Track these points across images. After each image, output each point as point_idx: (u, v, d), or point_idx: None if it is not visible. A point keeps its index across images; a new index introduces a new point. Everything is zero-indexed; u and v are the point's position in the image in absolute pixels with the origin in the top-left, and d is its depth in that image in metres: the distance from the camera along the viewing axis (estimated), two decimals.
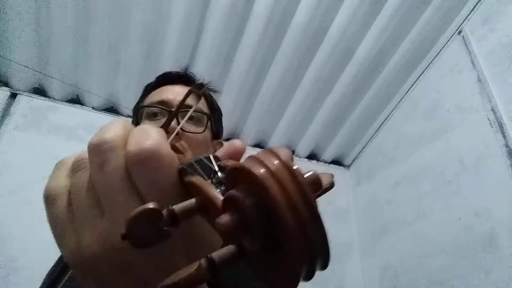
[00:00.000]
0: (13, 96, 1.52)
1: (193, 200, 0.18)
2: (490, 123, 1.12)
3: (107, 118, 1.62)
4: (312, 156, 1.90)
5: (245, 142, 0.25)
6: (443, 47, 1.43)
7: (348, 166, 1.94)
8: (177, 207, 0.17)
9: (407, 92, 1.59)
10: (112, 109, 1.65)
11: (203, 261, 0.14)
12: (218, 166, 0.21)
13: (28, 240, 1.26)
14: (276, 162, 0.15)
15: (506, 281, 0.96)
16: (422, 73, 1.52)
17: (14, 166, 1.37)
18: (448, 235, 1.17)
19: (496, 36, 1.18)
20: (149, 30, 1.36)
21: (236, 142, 0.25)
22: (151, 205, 0.16)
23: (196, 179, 0.20)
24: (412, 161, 1.46)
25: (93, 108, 1.62)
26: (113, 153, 0.21)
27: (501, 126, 1.09)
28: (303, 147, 1.84)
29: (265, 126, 1.76)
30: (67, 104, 1.59)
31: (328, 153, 1.88)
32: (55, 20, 1.33)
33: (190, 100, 0.67)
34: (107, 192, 0.21)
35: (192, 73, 0.75)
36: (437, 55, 1.45)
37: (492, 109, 1.13)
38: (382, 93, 1.61)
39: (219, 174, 0.20)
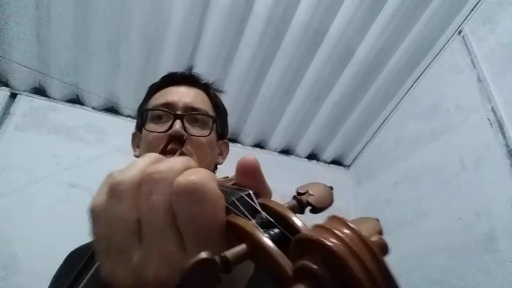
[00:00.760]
0: (13, 96, 1.52)
1: (244, 246, 0.18)
2: (490, 123, 1.12)
3: (107, 118, 1.62)
4: (312, 156, 1.90)
5: (254, 158, 0.25)
6: (443, 47, 1.43)
7: (348, 166, 1.94)
8: (230, 254, 0.17)
9: (407, 92, 1.59)
10: (112, 109, 1.65)
11: None
12: (260, 204, 0.21)
13: (28, 240, 1.26)
14: (351, 234, 0.15)
15: (506, 281, 0.96)
16: (422, 73, 1.52)
17: (14, 166, 1.37)
18: (448, 235, 1.17)
19: (496, 36, 1.18)
20: (149, 30, 1.36)
21: (247, 161, 0.24)
22: (204, 255, 0.17)
23: (244, 223, 0.20)
24: (412, 161, 1.46)
25: (93, 108, 1.62)
26: (163, 184, 0.21)
27: (501, 126, 1.09)
28: (303, 147, 1.84)
29: (265, 126, 1.76)
30: (67, 104, 1.59)
31: (328, 153, 1.88)
32: (55, 20, 1.33)
33: (196, 103, 0.66)
34: (149, 222, 0.21)
35: (196, 74, 0.75)
36: (437, 55, 1.45)
37: (492, 109, 1.13)
38: (382, 93, 1.61)
39: (263, 214, 0.20)
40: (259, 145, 1.84)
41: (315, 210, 0.23)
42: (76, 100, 1.61)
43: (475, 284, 1.04)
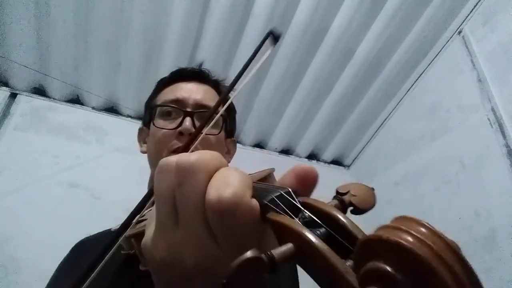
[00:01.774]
0: (13, 96, 1.52)
1: (291, 246, 0.17)
2: (490, 123, 1.12)
3: (107, 118, 1.62)
4: (312, 156, 1.90)
5: (316, 170, 0.24)
6: (443, 47, 1.43)
7: (348, 166, 1.94)
8: (277, 254, 0.17)
9: (407, 92, 1.59)
10: (112, 109, 1.65)
11: None
12: (301, 203, 0.20)
13: (28, 240, 1.26)
14: (428, 233, 0.14)
15: (506, 281, 0.96)
16: (422, 73, 1.52)
17: (14, 166, 1.37)
18: (448, 235, 1.17)
19: (496, 36, 1.18)
20: (149, 30, 1.36)
21: (312, 172, 0.24)
22: (252, 254, 0.16)
23: (288, 221, 0.19)
24: (412, 161, 1.46)
25: (93, 108, 1.62)
26: (194, 178, 0.22)
27: (501, 126, 1.09)
28: (303, 147, 1.84)
29: (265, 126, 1.76)
30: (67, 104, 1.59)
31: (328, 153, 1.88)
32: (55, 20, 1.33)
33: (206, 100, 0.65)
34: (182, 210, 0.22)
35: (207, 70, 0.73)
36: (437, 55, 1.45)
37: (492, 109, 1.13)
38: (382, 93, 1.61)
39: (306, 213, 0.19)
40: (259, 145, 1.84)
41: (358, 211, 0.22)
42: (76, 100, 1.61)
43: None
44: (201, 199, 0.21)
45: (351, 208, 0.22)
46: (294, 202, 0.21)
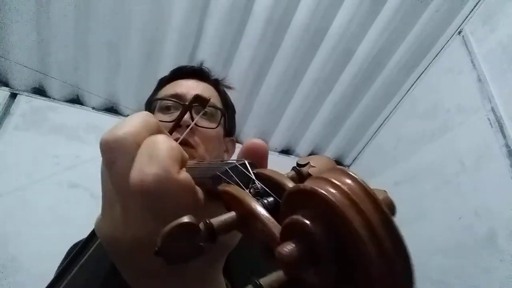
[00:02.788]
0: (13, 96, 1.52)
1: (233, 214, 0.17)
2: (490, 123, 1.12)
3: (107, 118, 1.62)
4: None
5: (263, 142, 0.24)
6: (443, 47, 1.42)
7: (348, 166, 1.94)
8: (216, 221, 0.16)
9: (407, 92, 1.59)
10: (112, 109, 1.65)
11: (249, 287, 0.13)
12: (255, 174, 0.20)
13: (28, 240, 1.26)
14: (349, 182, 0.13)
15: (506, 281, 0.96)
16: (422, 73, 1.52)
17: (14, 166, 1.37)
18: (448, 235, 1.17)
19: (496, 36, 1.18)
20: (149, 30, 1.36)
21: (256, 142, 0.23)
22: (186, 219, 0.15)
23: (235, 190, 0.18)
24: (412, 161, 1.46)
25: (93, 108, 1.62)
26: (122, 154, 0.21)
27: (501, 126, 1.09)
28: (303, 147, 1.84)
29: (265, 126, 1.76)
30: (67, 104, 1.59)
31: (328, 153, 1.88)
32: (55, 20, 1.33)
33: (204, 95, 0.67)
34: (117, 191, 0.21)
35: (207, 68, 0.74)
36: (437, 55, 1.45)
37: (492, 109, 1.13)
38: (382, 93, 1.61)
39: (257, 184, 0.18)
40: None
41: None
42: (76, 100, 1.61)
43: (475, 284, 1.04)
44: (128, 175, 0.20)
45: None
46: (247, 173, 0.20)
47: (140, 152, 0.20)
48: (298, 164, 0.21)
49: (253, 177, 0.19)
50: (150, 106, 0.69)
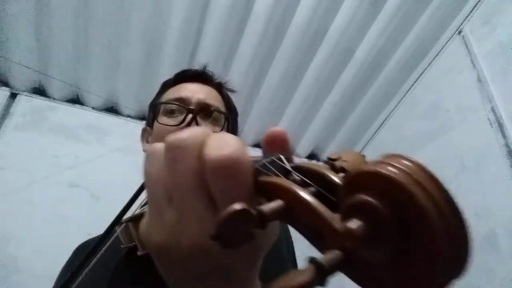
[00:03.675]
0: (13, 96, 1.52)
1: (280, 202, 0.17)
2: (490, 123, 1.12)
3: (107, 118, 1.62)
4: (312, 156, 1.90)
5: (283, 129, 0.24)
6: (443, 47, 1.42)
7: None
8: (266, 208, 0.17)
9: (407, 92, 1.59)
10: (112, 109, 1.65)
11: (311, 266, 0.13)
12: (292, 167, 0.20)
13: (28, 240, 1.26)
14: (410, 164, 0.14)
15: (506, 281, 0.96)
16: (422, 73, 1.51)
17: (14, 166, 1.37)
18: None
19: (496, 36, 1.18)
20: (149, 30, 1.36)
21: (276, 130, 0.24)
22: (241, 206, 0.16)
23: (279, 180, 0.19)
24: None
25: (93, 108, 1.62)
26: (187, 151, 0.21)
27: (501, 126, 1.09)
28: (303, 147, 1.84)
29: (265, 126, 1.76)
30: (67, 104, 1.59)
31: (328, 153, 1.87)
32: (55, 21, 1.33)
33: (209, 99, 0.66)
34: (176, 188, 0.22)
35: (210, 72, 0.75)
36: (437, 55, 1.45)
37: (492, 109, 1.13)
38: (382, 93, 1.61)
39: (295, 174, 0.19)
40: (259, 145, 1.84)
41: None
42: (76, 100, 1.61)
43: (475, 284, 1.04)
44: (197, 168, 0.21)
45: (342, 174, 0.21)
46: (285, 166, 0.21)
47: (210, 141, 0.21)
48: (329, 158, 0.22)
49: (291, 169, 0.20)
50: (154, 109, 0.69)
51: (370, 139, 1.80)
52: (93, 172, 1.45)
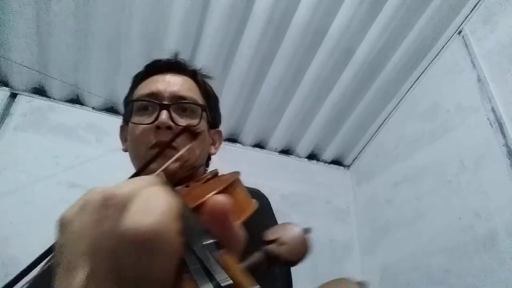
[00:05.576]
0: (13, 96, 1.52)
1: None
2: (490, 123, 1.12)
3: (107, 118, 1.62)
4: (312, 156, 1.90)
5: (225, 200, 0.20)
6: (443, 47, 1.42)
7: (348, 166, 1.94)
8: None
9: (407, 92, 1.59)
10: (112, 109, 1.65)
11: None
12: (218, 260, 0.17)
13: (28, 240, 1.25)
14: None
15: (506, 281, 0.96)
16: (422, 73, 1.52)
17: (14, 166, 1.37)
18: (448, 235, 1.17)
19: (496, 36, 1.18)
20: (149, 30, 1.36)
21: (216, 205, 0.20)
22: None
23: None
24: (412, 161, 1.46)
25: (93, 108, 1.62)
26: (113, 210, 0.19)
27: (501, 126, 1.09)
28: (303, 147, 1.84)
29: (265, 126, 1.76)
30: (67, 104, 1.59)
31: (328, 153, 1.88)
32: (55, 20, 1.33)
33: (183, 91, 0.62)
34: (93, 252, 0.18)
35: (183, 60, 0.71)
36: (437, 55, 1.45)
37: (492, 109, 1.13)
38: (382, 93, 1.61)
39: (222, 283, 0.16)
40: (259, 145, 1.84)
41: (288, 263, 0.20)
42: (76, 100, 1.61)
43: (475, 284, 1.04)
44: (115, 231, 0.18)
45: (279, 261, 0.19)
46: (212, 266, 0.17)
47: (136, 202, 0.19)
48: (266, 241, 0.19)
49: (217, 276, 0.16)
50: (127, 107, 0.66)
51: (370, 139, 1.80)
52: (93, 172, 1.45)
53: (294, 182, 1.74)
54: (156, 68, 0.68)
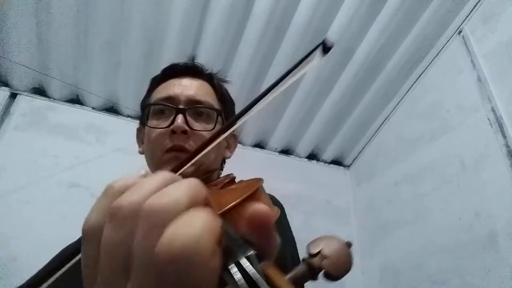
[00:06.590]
0: (13, 96, 1.52)
1: None
2: (490, 123, 1.12)
3: (107, 118, 1.62)
4: (312, 156, 1.90)
5: (267, 210, 0.19)
6: (443, 47, 1.42)
7: (348, 166, 1.94)
8: None
9: (407, 92, 1.59)
10: (112, 109, 1.65)
11: None
12: (260, 272, 0.17)
13: (28, 240, 1.26)
14: None
15: (506, 281, 0.96)
16: (422, 73, 1.52)
17: (14, 166, 1.37)
18: (448, 235, 1.17)
19: (496, 36, 1.18)
20: (149, 30, 1.36)
21: (259, 214, 0.19)
22: None
23: None
24: (412, 161, 1.46)
25: (93, 108, 1.62)
26: (160, 224, 0.18)
27: (501, 126, 1.09)
28: (303, 147, 1.84)
29: (265, 126, 1.76)
30: (67, 104, 1.59)
31: (328, 153, 1.88)
32: (55, 20, 1.33)
33: (199, 95, 0.63)
34: (139, 263, 0.18)
35: (200, 64, 0.71)
36: (437, 55, 1.45)
37: (492, 109, 1.13)
38: (382, 93, 1.61)
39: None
40: (259, 145, 1.84)
41: (330, 277, 0.19)
42: (76, 100, 1.61)
43: (475, 284, 1.04)
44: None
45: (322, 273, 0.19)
46: (252, 274, 0.17)
47: (176, 222, 0.18)
48: (309, 254, 0.19)
49: (257, 282, 0.17)
50: (144, 110, 0.66)
51: (370, 139, 1.80)
52: (93, 172, 1.45)
53: (294, 182, 1.74)
54: (173, 71, 0.69)
